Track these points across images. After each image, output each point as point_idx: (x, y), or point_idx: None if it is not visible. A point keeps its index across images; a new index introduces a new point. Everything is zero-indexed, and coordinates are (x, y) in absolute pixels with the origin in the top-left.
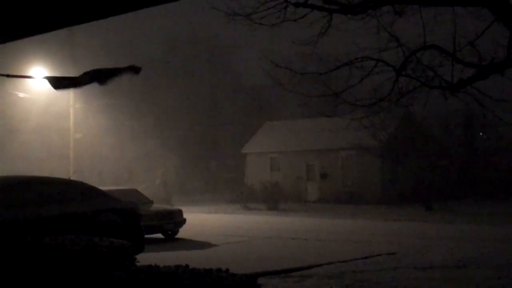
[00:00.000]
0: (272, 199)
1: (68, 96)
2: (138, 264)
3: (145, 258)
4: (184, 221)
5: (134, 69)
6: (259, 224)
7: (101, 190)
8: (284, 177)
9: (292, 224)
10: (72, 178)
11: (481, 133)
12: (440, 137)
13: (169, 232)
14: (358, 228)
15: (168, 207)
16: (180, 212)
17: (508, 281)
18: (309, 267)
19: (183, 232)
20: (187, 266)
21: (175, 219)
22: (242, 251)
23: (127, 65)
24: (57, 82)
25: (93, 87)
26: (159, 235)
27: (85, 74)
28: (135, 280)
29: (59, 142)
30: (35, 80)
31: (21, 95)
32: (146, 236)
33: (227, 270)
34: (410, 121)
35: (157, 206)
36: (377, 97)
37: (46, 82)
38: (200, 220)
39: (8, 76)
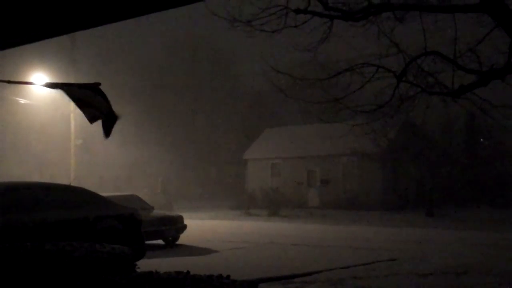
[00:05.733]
0: (273, 205)
1: (69, 102)
2: (138, 270)
3: (146, 264)
4: (185, 227)
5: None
6: (260, 230)
7: (101, 196)
8: (285, 183)
9: (293, 230)
10: (73, 184)
11: (481, 139)
12: (441, 143)
13: (170, 238)
14: (359, 234)
15: (169, 213)
16: (181, 218)
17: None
18: (310, 273)
19: (184, 238)
20: (188, 272)
21: (176, 225)
22: (243, 257)
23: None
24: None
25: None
26: (160, 241)
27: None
28: (136, 287)
29: (59, 148)
30: (36, 86)
31: (22, 101)
32: (147, 242)
33: (228, 276)
34: (411, 127)
35: (157, 212)
36: (378, 103)
37: (47, 87)
38: (201, 226)
39: (9, 82)
